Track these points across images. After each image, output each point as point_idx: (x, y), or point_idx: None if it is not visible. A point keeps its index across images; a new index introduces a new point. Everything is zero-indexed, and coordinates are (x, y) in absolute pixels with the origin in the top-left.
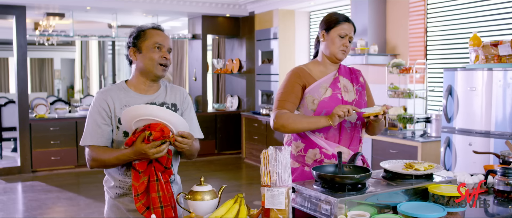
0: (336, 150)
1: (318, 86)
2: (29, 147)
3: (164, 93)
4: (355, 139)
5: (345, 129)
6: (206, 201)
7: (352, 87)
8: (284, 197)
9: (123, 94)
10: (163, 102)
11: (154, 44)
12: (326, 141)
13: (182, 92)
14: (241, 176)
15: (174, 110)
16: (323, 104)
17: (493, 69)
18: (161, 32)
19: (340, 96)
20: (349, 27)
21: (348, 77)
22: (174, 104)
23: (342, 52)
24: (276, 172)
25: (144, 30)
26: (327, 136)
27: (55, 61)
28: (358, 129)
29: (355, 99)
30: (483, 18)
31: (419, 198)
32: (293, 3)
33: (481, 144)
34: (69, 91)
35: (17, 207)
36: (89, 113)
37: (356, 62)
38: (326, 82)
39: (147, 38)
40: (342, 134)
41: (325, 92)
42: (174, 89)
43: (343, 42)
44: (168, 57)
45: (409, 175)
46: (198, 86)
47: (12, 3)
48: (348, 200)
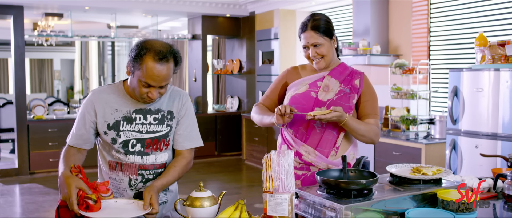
0: (302, 149)
1: (299, 83)
2: (27, 149)
3: (161, 99)
4: (325, 141)
5: (314, 128)
6: (205, 207)
7: (336, 88)
8: (287, 204)
9: (116, 97)
10: (159, 109)
11: (144, 82)
12: (294, 138)
13: (182, 98)
14: (242, 178)
15: (170, 117)
16: (293, 100)
17: (500, 70)
18: (160, 67)
19: (314, 94)
20: (308, 35)
21: (339, 78)
22: (170, 112)
23: (314, 62)
24: (278, 177)
25: (143, 56)
26: (295, 133)
27: (55, 61)
28: (332, 132)
29: (331, 99)
30: (488, 17)
31: (427, 204)
32: (294, 3)
33: (487, 147)
34: (68, 92)
35: (14, 210)
36: (79, 110)
37: (358, 63)
38: (310, 79)
39: (140, 68)
40: (309, 133)
41: (300, 88)
42: (174, 94)
43: (307, 53)
44: (154, 98)
45: (417, 180)
46: (198, 87)
47: (9, 3)
48: (354, 206)
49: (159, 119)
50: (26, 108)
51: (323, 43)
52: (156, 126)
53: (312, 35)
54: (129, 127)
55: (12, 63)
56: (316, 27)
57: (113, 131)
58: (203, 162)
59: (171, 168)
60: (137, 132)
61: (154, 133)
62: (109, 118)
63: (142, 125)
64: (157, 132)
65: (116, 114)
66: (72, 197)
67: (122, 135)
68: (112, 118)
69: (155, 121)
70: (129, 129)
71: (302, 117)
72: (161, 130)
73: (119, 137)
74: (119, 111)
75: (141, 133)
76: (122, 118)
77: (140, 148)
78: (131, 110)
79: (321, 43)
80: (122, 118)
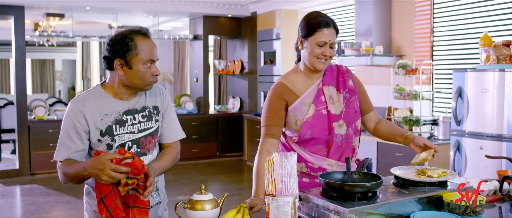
0: (324, 163)
1: (301, 104)
2: (28, 150)
3: (144, 96)
4: (347, 150)
5: (335, 142)
6: (206, 211)
7: (337, 95)
8: (290, 207)
9: (102, 102)
10: (145, 107)
11: (147, 60)
12: (312, 155)
13: (161, 92)
14: (243, 179)
15: (156, 113)
16: (307, 125)
17: (505, 70)
18: (150, 40)
19: (325, 111)
20: (330, 33)
21: (334, 84)
22: (155, 107)
23: (321, 62)
24: (281, 180)
25: (133, 39)
26: (313, 150)
27: (57, 62)
28: (350, 140)
29: (342, 110)
30: (491, 17)
31: (433, 207)
32: (296, 3)
33: (492, 148)
34: (70, 93)
35: (14, 211)
36: (62, 125)
37: (360, 63)
38: (309, 96)
39: (138, 53)
40: (331, 148)
41: (308, 111)
42: (153, 89)
43: (322, 50)
44: (159, 73)
45: (422, 183)
46: (199, 87)
47: (10, 3)
48: (359, 209)
49: (147, 116)
50: (27, 109)
51: (335, 43)
52: (146, 123)
53: (333, 34)
54: (122, 130)
55: (13, 63)
56: (336, 28)
57: (107, 137)
58: (205, 163)
59: (163, 155)
60: (131, 134)
61: (146, 131)
62: (100, 125)
63: (133, 125)
64: (149, 129)
65: (107, 119)
66: (111, 167)
67: (117, 139)
68: (103, 124)
69: (144, 118)
70: (122, 131)
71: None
72: (152, 126)
73: (114, 142)
74: (109, 116)
75: (134, 134)
76: (114, 122)
77: (137, 149)
78: (120, 112)
79: (335, 43)
80: (113, 122)
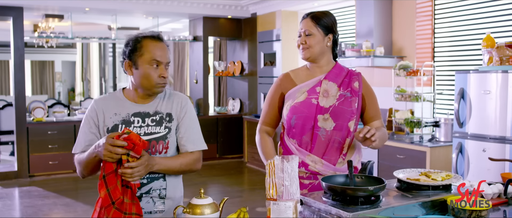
0: (308, 159)
1: (296, 91)
2: (26, 151)
3: (160, 101)
4: (332, 149)
5: (318, 136)
6: (206, 215)
7: (336, 92)
8: (291, 211)
9: (115, 103)
10: (157, 112)
11: (152, 60)
12: (298, 148)
13: (181, 100)
14: (243, 181)
15: (169, 120)
16: (293, 110)
17: (508, 72)
18: (160, 43)
19: (314, 101)
20: (305, 23)
21: (337, 81)
22: (169, 114)
23: (302, 52)
24: (282, 184)
25: (140, 41)
26: (299, 143)
27: (56, 63)
28: (338, 139)
29: (332, 105)
30: (494, 18)
31: (437, 211)
32: (296, 4)
33: (495, 150)
34: (70, 94)
35: (13, 213)
36: (82, 121)
37: (361, 64)
38: (307, 86)
39: (144, 53)
40: (314, 142)
41: (299, 97)
42: (172, 97)
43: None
44: (166, 75)
45: (426, 186)
46: (199, 89)
47: (9, 4)
48: (361, 214)
49: (157, 121)
50: (26, 110)
51: (315, 34)
52: (154, 128)
53: (308, 22)
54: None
55: (12, 65)
56: (315, 17)
57: None
58: (205, 165)
59: (175, 156)
60: None
61: (152, 135)
62: (108, 122)
63: (140, 128)
64: (155, 134)
65: (115, 117)
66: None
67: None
68: (111, 122)
69: (153, 122)
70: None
71: (304, 125)
72: (159, 132)
73: None
74: (118, 115)
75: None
76: (121, 122)
77: None
78: (129, 113)
79: (313, 34)
80: (120, 122)
